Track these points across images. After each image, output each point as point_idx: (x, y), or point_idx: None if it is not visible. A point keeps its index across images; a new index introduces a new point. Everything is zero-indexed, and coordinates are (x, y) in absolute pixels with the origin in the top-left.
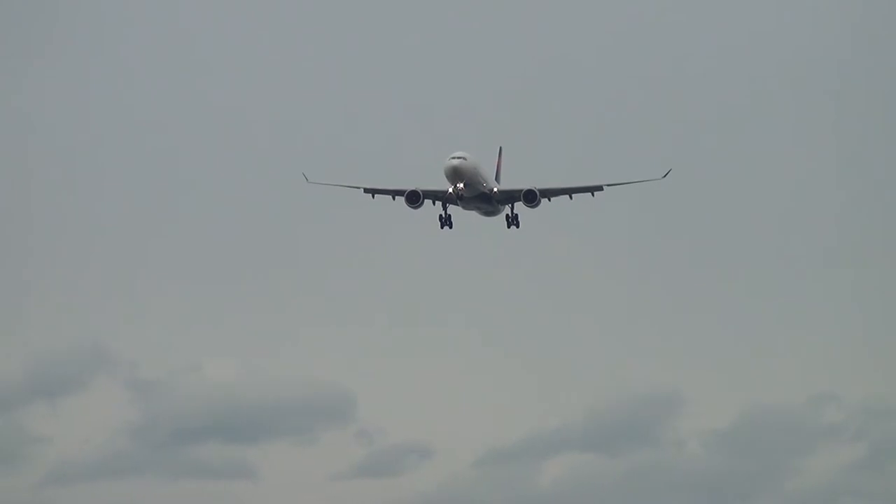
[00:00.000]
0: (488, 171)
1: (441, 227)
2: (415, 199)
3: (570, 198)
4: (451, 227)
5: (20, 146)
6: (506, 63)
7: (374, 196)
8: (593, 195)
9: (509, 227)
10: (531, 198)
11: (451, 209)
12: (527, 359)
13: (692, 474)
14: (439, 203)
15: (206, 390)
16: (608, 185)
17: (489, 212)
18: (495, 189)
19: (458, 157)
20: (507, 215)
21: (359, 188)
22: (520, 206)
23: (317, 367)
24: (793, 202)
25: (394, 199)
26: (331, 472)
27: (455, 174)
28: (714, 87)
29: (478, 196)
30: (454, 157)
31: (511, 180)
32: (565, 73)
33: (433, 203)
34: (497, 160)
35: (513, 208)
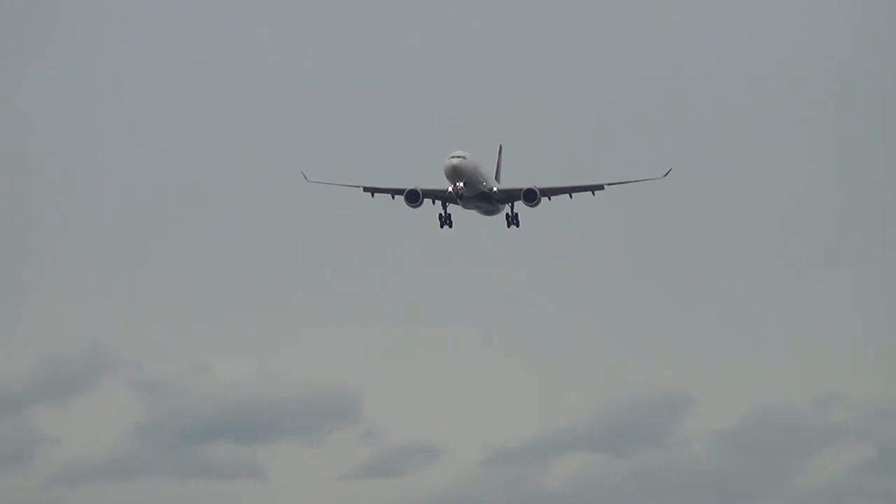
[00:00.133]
0: (488, 170)
1: (441, 227)
2: (414, 198)
3: (571, 197)
4: (450, 227)
5: (20, 146)
6: (506, 63)
7: (373, 195)
8: (594, 194)
9: (509, 226)
10: (531, 197)
11: (450, 208)
12: (528, 359)
13: (693, 474)
14: (439, 202)
15: (211, 390)
16: (609, 185)
17: (489, 211)
18: (495, 188)
19: (458, 156)
20: (508, 214)
21: (358, 187)
22: (520, 206)
23: (318, 367)
24: (793, 202)
25: (393, 198)
26: (334, 472)
27: (455, 173)
28: (714, 87)
29: (478, 195)
30: (454, 156)
31: (511, 179)
32: (565, 73)
33: (433, 202)
34: (497, 159)
35: (513, 207)
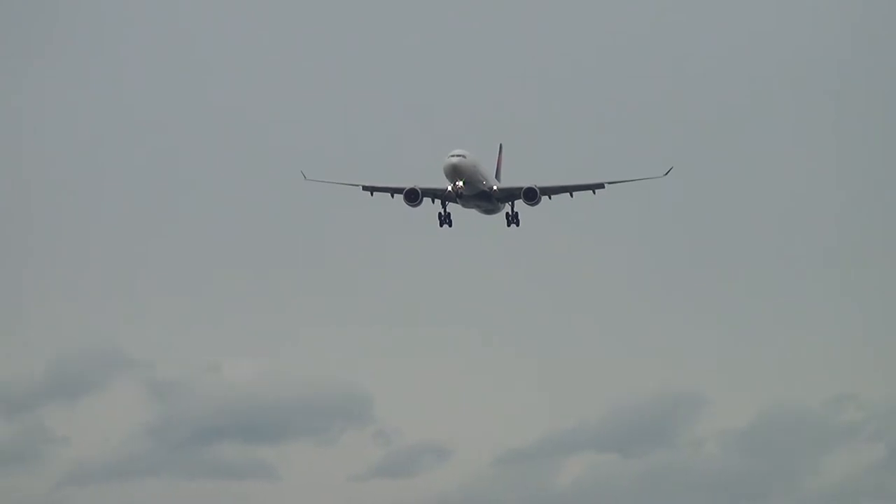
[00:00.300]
0: (488, 169)
1: (440, 226)
2: (413, 197)
3: (571, 196)
4: (450, 226)
5: (20, 146)
6: (506, 63)
7: (372, 194)
8: (594, 193)
9: (509, 225)
10: (531, 196)
11: (450, 207)
12: (530, 359)
13: (694, 474)
14: (438, 201)
15: (219, 390)
16: (609, 183)
17: (489, 210)
18: (495, 187)
19: (458, 155)
20: (508, 213)
21: (357, 186)
22: (520, 205)
23: (319, 366)
24: (793, 201)
25: (392, 196)
26: (342, 472)
27: (454, 172)
28: (714, 87)
29: (477, 194)
30: (453, 155)
31: (511, 178)
32: (566, 73)
33: (432, 201)
34: (497, 158)
35: (513, 206)
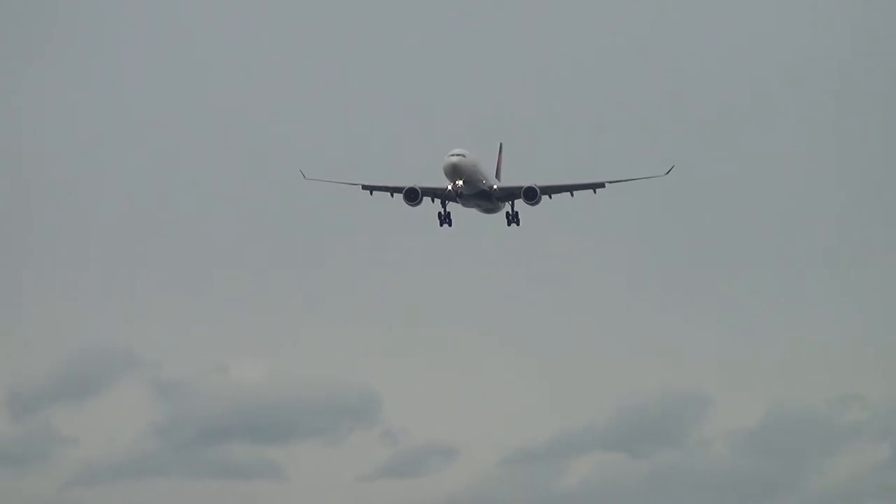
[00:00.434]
0: (488, 168)
1: (440, 225)
2: (413, 196)
3: (572, 195)
4: (450, 225)
5: (20, 146)
6: (506, 63)
7: (372, 193)
8: (595, 192)
9: (510, 224)
10: (531, 195)
11: (450, 206)
12: (530, 359)
13: (696, 474)
14: (438, 200)
15: (222, 390)
16: (610, 182)
17: (489, 209)
18: (495, 186)
19: (458, 155)
20: (508, 213)
21: (357, 185)
22: (520, 204)
23: (319, 366)
24: (793, 201)
25: (392, 196)
26: (342, 472)
27: (454, 171)
28: (714, 87)
29: (477, 193)
30: (453, 155)
31: (512, 177)
32: (566, 72)
33: (432, 201)
34: (497, 157)
35: (513, 206)
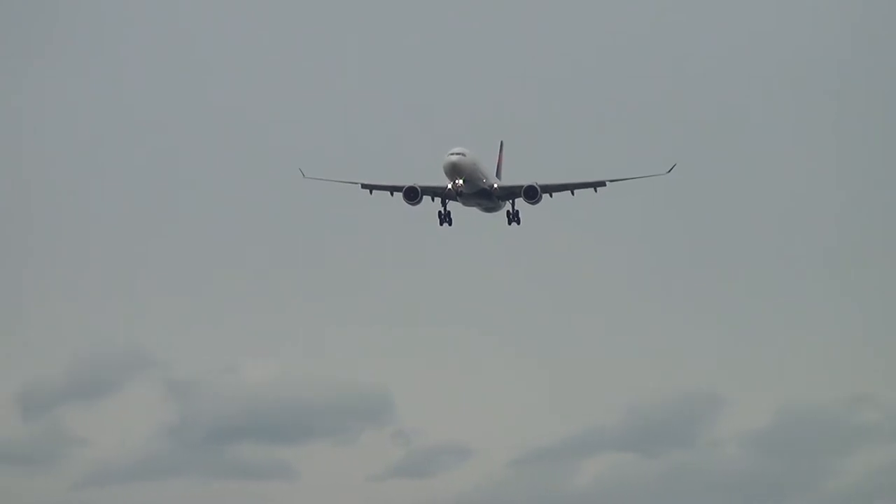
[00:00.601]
0: (489, 167)
1: (440, 224)
2: (413, 195)
3: (573, 194)
4: (450, 224)
5: (20, 146)
6: (506, 62)
7: (371, 192)
8: (596, 191)
9: (510, 223)
10: (532, 194)
11: (450, 205)
12: (530, 358)
13: (699, 474)
14: (438, 199)
15: (221, 390)
16: (611, 181)
17: (489, 208)
18: (495, 185)
19: (457, 153)
20: (508, 212)
21: (356, 184)
22: (521, 203)
23: (319, 367)
24: (794, 200)
25: (392, 195)
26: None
27: (454, 170)
28: (715, 87)
29: (478, 192)
30: (453, 153)
31: (513, 176)
32: (566, 71)
33: (432, 200)
34: (498, 155)
35: (514, 204)
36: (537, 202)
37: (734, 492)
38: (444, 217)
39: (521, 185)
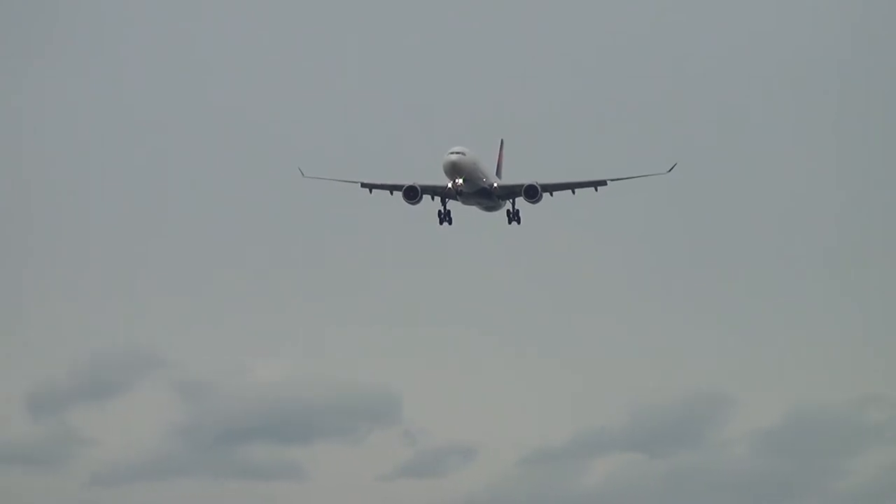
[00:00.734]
0: (489, 166)
1: (440, 223)
2: (412, 194)
3: (573, 193)
4: (450, 223)
5: (20, 146)
6: (506, 62)
7: (371, 191)
8: (597, 190)
9: (510, 222)
10: (532, 193)
11: (450, 204)
12: (531, 358)
13: (702, 474)
14: (438, 198)
15: (227, 391)
16: (612, 180)
17: (490, 207)
18: (495, 184)
19: (457, 152)
20: (509, 211)
21: (356, 183)
22: (521, 202)
23: (320, 367)
24: (795, 200)
25: (391, 194)
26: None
27: (454, 169)
28: (715, 87)
29: (478, 191)
30: (453, 152)
31: (514, 174)
32: (567, 71)
33: (432, 199)
34: (498, 153)
35: (514, 204)
36: (538, 201)
37: (737, 492)
38: (444, 216)
39: (522, 184)
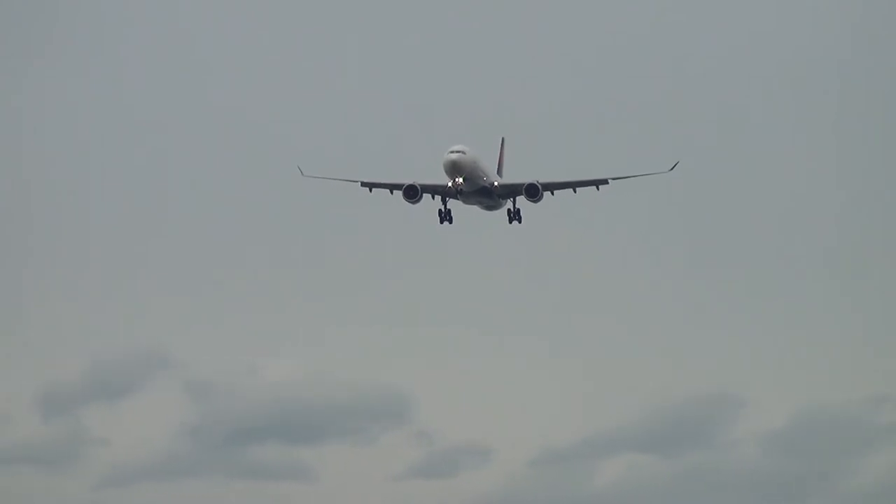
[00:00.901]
0: (489, 165)
1: (441, 222)
2: (412, 193)
3: (575, 191)
4: (450, 222)
5: (20, 146)
6: (506, 61)
7: (371, 190)
8: (598, 189)
9: (511, 221)
10: (533, 192)
11: (451, 203)
12: (531, 358)
13: (705, 473)
14: (439, 197)
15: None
16: (613, 179)
17: (490, 206)
18: (496, 183)
19: (457, 151)
20: (509, 210)
21: (356, 182)
22: (522, 201)
23: (320, 366)
24: (796, 200)
25: (391, 193)
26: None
27: (454, 168)
28: (715, 86)
29: (478, 190)
30: (453, 151)
31: (515, 173)
32: (568, 69)
33: (432, 198)
34: (499, 152)
35: (514, 202)
36: (538, 200)
37: (738, 492)
38: (445, 215)
39: (523, 183)
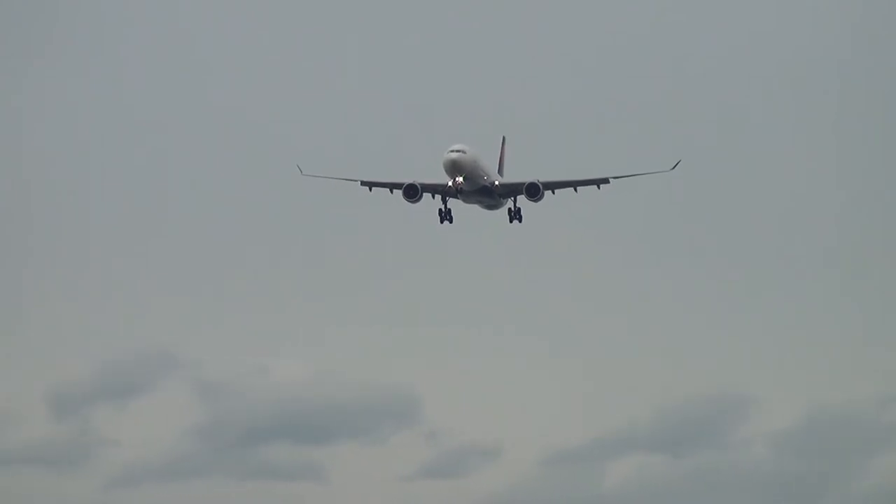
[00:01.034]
0: (490, 164)
1: (441, 222)
2: (412, 193)
3: (576, 191)
4: (451, 222)
5: (20, 146)
6: (506, 60)
7: (371, 189)
8: (599, 188)
9: (511, 221)
10: (534, 191)
11: (451, 203)
12: (531, 357)
13: (707, 474)
14: (439, 197)
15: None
16: (615, 178)
17: (491, 205)
18: (497, 182)
19: (457, 151)
20: (510, 209)
21: (355, 181)
22: (522, 200)
23: (317, 366)
24: (796, 200)
25: (391, 192)
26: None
27: (454, 168)
28: (714, 86)
29: (479, 190)
30: (453, 151)
31: (515, 173)
32: (568, 69)
33: (432, 197)
34: (500, 150)
35: (515, 202)
36: (539, 199)
37: (741, 493)
38: (445, 215)
39: (523, 183)
